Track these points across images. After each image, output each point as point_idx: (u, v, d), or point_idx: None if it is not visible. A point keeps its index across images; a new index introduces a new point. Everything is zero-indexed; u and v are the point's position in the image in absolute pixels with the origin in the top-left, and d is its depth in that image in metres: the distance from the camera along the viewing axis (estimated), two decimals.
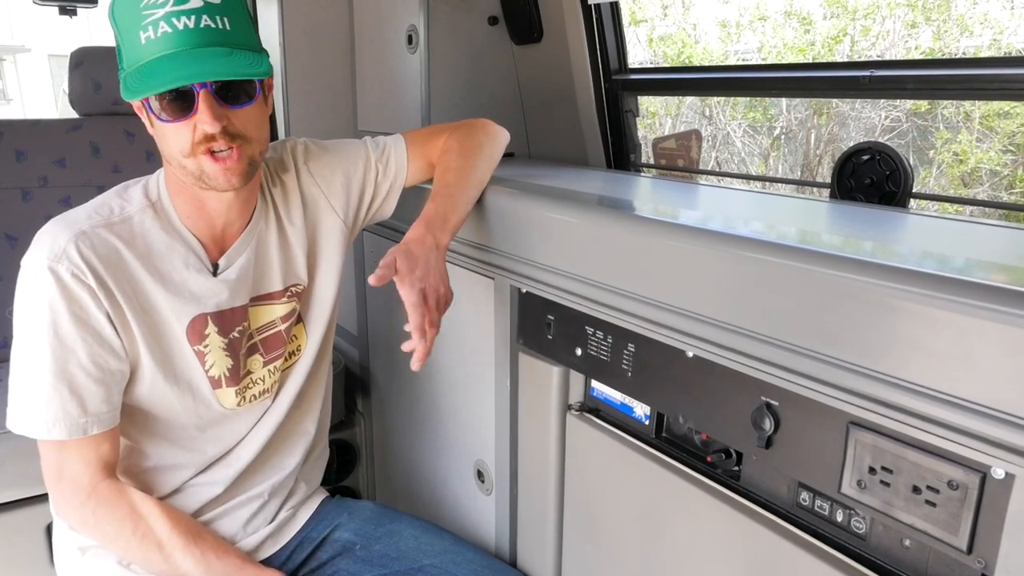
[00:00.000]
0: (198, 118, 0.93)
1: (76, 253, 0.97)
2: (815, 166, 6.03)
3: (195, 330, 1.07)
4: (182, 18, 0.89)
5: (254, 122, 1.00)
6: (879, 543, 0.80)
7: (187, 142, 0.95)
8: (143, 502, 1.05)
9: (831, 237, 0.93)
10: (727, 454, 0.95)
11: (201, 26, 0.91)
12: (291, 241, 1.17)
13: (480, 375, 1.35)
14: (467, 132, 1.27)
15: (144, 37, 0.90)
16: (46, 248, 0.97)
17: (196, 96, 0.92)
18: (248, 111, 0.98)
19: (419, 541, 1.26)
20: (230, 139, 0.96)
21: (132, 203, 1.04)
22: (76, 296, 0.97)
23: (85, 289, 0.97)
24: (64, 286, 0.96)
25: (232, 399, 1.13)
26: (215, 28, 0.92)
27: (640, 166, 1.80)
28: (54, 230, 0.99)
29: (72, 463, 1.02)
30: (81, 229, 0.98)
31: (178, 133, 0.95)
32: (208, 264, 1.08)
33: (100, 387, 1.01)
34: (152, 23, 0.89)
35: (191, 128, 0.94)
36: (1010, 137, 5.12)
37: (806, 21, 6.22)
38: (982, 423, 0.64)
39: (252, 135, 0.99)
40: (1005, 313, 0.62)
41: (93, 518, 1.04)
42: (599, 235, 1.02)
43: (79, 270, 0.97)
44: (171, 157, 0.99)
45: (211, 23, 0.91)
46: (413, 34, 1.67)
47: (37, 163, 2.02)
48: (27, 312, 0.98)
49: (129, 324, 1.02)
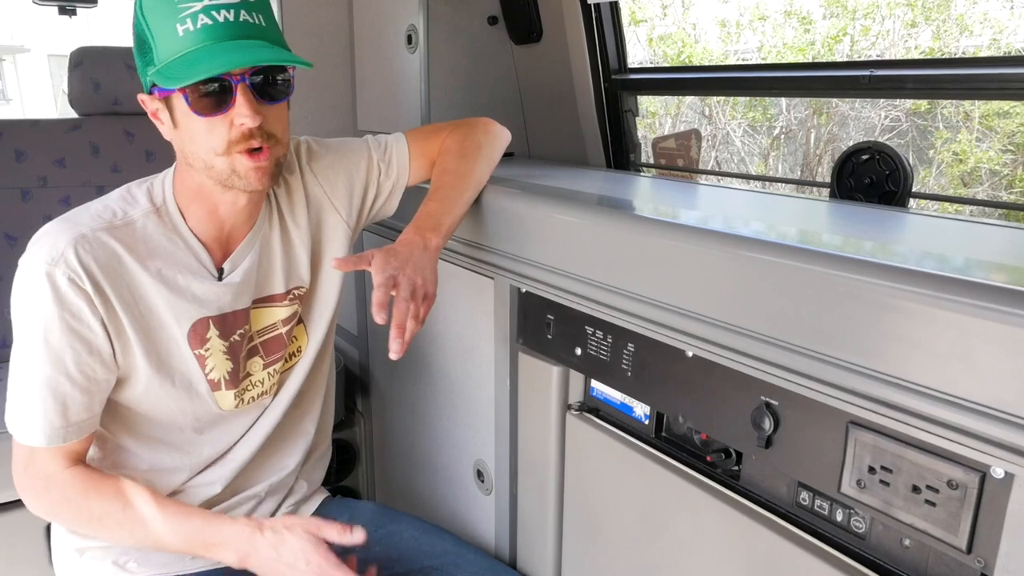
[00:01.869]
0: (236, 112, 0.93)
1: (74, 257, 0.95)
2: (815, 166, 6.04)
3: (196, 334, 1.07)
4: (221, 11, 0.90)
5: (282, 122, 1.01)
6: (879, 543, 0.80)
7: (222, 140, 0.95)
8: (103, 481, 1.04)
9: (831, 237, 0.93)
10: (727, 454, 0.95)
11: (240, 19, 0.92)
12: (295, 242, 1.17)
13: (480, 375, 1.35)
14: (467, 132, 1.27)
15: (182, 29, 0.90)
16: (44, 251, 0.96)
17: (234, 90, 0.92)
18: (279, 110, 0.99)
19: (420, 542, 1.26)
20: (265, 137, 0.96)
21: (135, 207, 1.03)
22: (70, 303, 0.96)
23: (81, 295, 0.96)
24: (59, 292, 0.95)
25: (230, 401, 1.13)
26: (252, 23, 0.93)
27: (640, 166, 1.80)
28: (54, 232, 0.98)
29: (42, 459, 1.02)
30: (82, 232, 0.97)
31: (212, 130, 0.94)
32: (213, 269, 1.07)
33: (84, 396, 1.00)
34: (191, 15, 0.90)
35: (227, 124, 0.94)
36: (1009, 136, 5.13)
37: (806, 21, 6.23)
38: (982, 423, 0.64)
39: (280, 136, 1.00)
40: (1005, 313, 0.62)
41: (55, 504, 1.04)
42: (599, 235, 1.02)
43: (76, 275, 0.95)
44: (198, 157, 0.97)
45: (248, 18, 0.92)
46: (413, 34, 1.67)
47: (37, 163, 2.02)
48: (21, 315, 0.98)
49: (125, 330, 1.01)
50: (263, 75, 0.94)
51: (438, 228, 1.12)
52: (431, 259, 1.09)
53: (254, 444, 1.18)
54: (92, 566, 1.12)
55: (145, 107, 1.01)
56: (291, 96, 1.02)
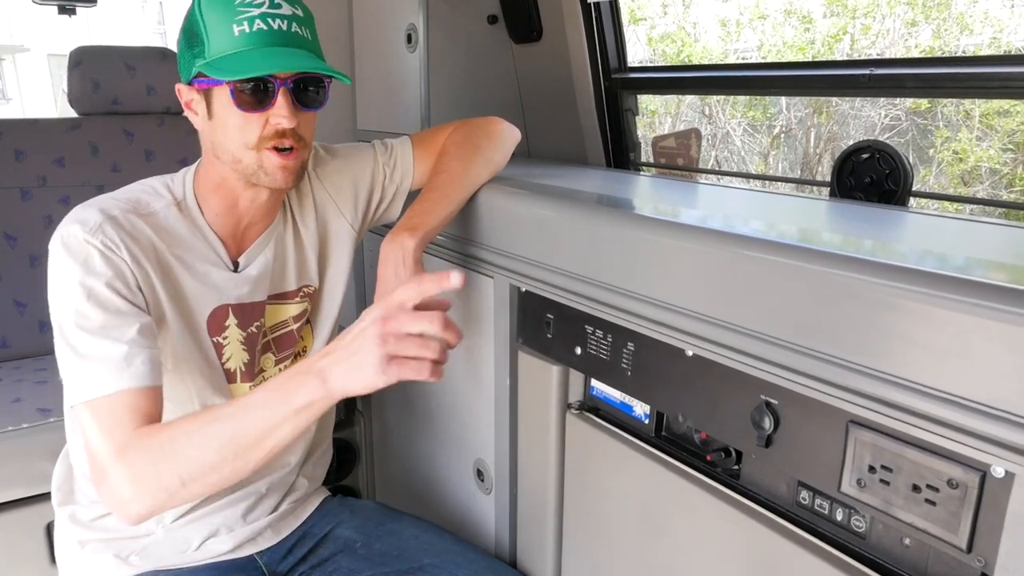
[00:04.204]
0: (273, 112, 0.99)
1: (113, 230, 0.97)
2: (815, 164, 6.03)
3: (216, 321, 1.09)
4: (276, 20, 0.98)
5: (311, 129, 1.07)
6: (879, 542, 0.80)
7: (255, 135, 1.00)
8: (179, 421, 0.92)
9: (831, 235, 0.93)
10: (727, 453, 0.95)
11: (292, 30, 0.99)
12: (304, 243, 1.20)
13: (480, 374, 1.35)
14: (467, 133, 1.27)
15: (238, 30, 0.96)
16: (79, 225, 0.96)
17: (276, 92, 0.98)
18: (311, 117, 1.05)
19: (420, 540, 1.26)
20: (297, 139, 1.02)
21: (157, 199, 1.06)
22: (114, 265, 0.96)
23: (122, 263, 0.97)
24: (104, 255, 0.95)
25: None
26: (301, 36, 1.00)
27: (640, 165, 1.80)
28: (84, 212, 0.98)
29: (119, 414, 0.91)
30: (112, 214, 0.99)
31: (248, 125, 0.99)
32: (229, 262, 1.10)
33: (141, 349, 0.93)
34: (248, 19, 0.96)
35: (262, 122, 0.99)
36: (1010, 135, 5.13)
37: (806, 19, 6.22)
38: (982, 421, 0.64)
39: (308, 141, 1.06)
40: (1005, 311, 0.62)
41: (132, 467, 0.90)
42: (599, 234, 1.02)
43: (114, 245, 0.96)
44: (228, 150, 1.01)
45: (299, 31, 1.00)
46: (412, 33, 1.67)
47: (36, 162, 2.02)
48: (62, 285, 0.94)
49: (161, 304, 1.02)
50: (304, 83, 1.01)
51: (415, 230, 1.14)
52: (410, 269, 1.12)
53: None
54: (94, 558, 1.13)
55: (180, 96, 1.05)
56: (323, 107, 1.07)
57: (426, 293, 0.84)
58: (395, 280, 1.13)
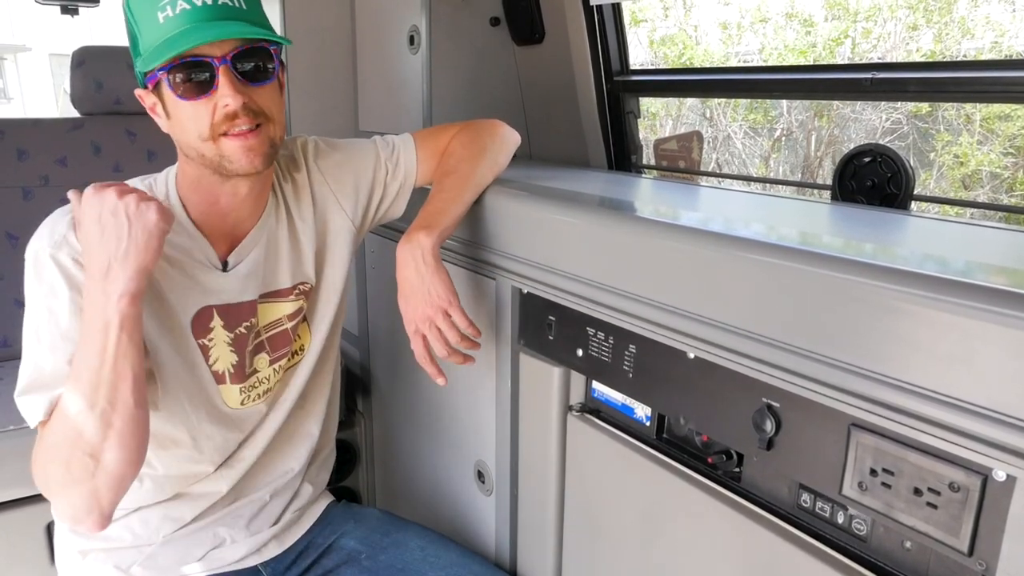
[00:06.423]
0: (218, 94, 0.93)
1: (76, 238, 0.95)
2: (816, 168, 6.04)
3: (200, 323, 1.07)
4: None
5: (274, 102, 0.99)
6: (880, 545, 0.80)
7: (206, 124, 0.95)
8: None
9: (832, 239, 0.93)
10: (728, 455, 0.95)
11: (219, 2, 0.92)
12: (301, 238, 1.17)
13: (481, 376, 1.35)
14: (473, 134, 1.26)
15: (163, 17, 0.91)
16: (45, 236, 0.96)
17: (216, 72, 0.92)
18: (267, 90, 0.98)
19: (425, 552, 1.25)
20: (253, 116, 0.96)
21: None
22: (78, 283, 0.95)
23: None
24: (67, 273, 0.95)
25: (236, 397, 1.12)
26: (232, 5, 0.94)
27: (641, 167, 1.80)
28: (53, 220, 0.98)
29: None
30: None
31: (197, 114, 0.95)
32: (217, 262, 1.08)
33: None
34: (170, 2, 0.91)
35: (210, 108, 0.94)
36: (1011, 140, 5.13)
37: (807, 23, 6.23)
38: (983, 425, 0.64)
39: (274, 114, 0.99)
40: (1006, 315, 0.62)
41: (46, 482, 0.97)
42: (600, 236, 1.02)
43: (79, 254, 0.95)
44: (189, 145, 0.98)
45: (229, 1, 0.93)
46: (415, 34, 1.67)
47: (38, 162, 2.02)
48: (32, 300, 0.96)
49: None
50: (246, 57, 0.94)
51: (431, 228, 1.12)
52: (432, 267, 1.10)
53: (260, 445, 1.18)
54: (95, 568, 1.12)
55: (143, 103, 1.01)
56: (282, 81, 1.02)
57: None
58: (418, 279, 1.10)
